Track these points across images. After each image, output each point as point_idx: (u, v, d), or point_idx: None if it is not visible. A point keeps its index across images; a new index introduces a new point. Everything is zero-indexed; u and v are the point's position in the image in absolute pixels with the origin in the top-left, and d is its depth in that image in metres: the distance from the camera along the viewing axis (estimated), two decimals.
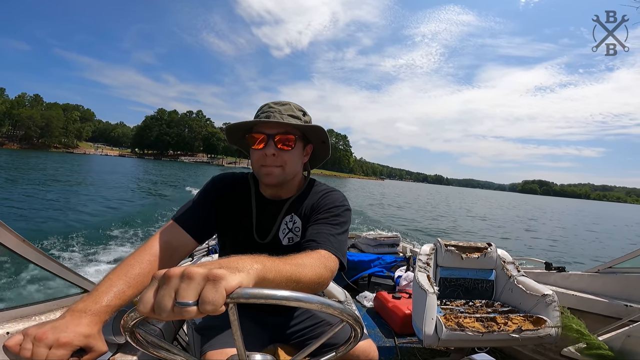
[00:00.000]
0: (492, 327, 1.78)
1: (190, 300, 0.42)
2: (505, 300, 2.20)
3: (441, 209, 29.23)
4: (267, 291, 0.46)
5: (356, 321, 0.56)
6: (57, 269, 1.06)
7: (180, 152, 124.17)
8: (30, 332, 0.56)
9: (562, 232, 20.15)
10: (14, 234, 0.89)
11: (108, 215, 10.25)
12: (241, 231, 1.07)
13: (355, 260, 3.64)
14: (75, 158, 61.30)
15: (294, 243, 1.06)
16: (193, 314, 0.43)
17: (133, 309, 0.52)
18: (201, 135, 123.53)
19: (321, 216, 0.99)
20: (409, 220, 18.04)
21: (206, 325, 1.06)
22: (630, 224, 35.32)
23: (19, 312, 0.93)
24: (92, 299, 0.67)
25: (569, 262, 10.25)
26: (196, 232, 0.95)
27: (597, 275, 2.10)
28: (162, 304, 0.43)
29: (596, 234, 21.66)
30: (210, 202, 1.03)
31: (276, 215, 1.06)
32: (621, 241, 18.02)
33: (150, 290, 0.45)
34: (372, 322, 2.81)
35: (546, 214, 38.49)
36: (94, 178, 23.82)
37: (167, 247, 0.87)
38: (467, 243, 2.38)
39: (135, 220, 9.58)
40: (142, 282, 0.76)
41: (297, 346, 1.12)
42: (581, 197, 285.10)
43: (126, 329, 0.52)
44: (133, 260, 0.79)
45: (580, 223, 30.29)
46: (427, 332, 1.76)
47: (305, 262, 0.72)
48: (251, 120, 0.97)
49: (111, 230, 8.09)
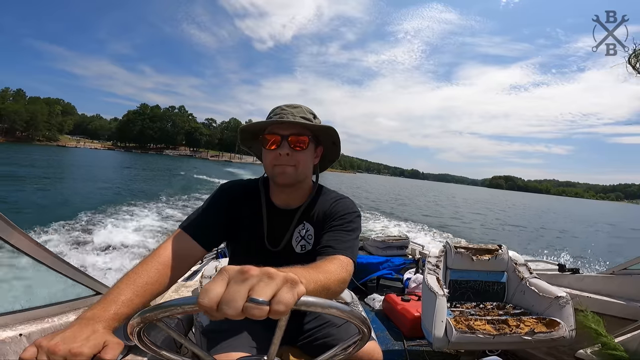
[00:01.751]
0: (504, 330, 1.74)
1: (265, 299, 0.43)
2: (517, 303, 2.16)
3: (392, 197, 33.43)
4: (324, 301, 0.49)
5: (364, 323, 0.57)
6: (70, 271, 1.07)
7: (164, 145, 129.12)
8: (44, 345, 0.57)
9: (482, 219, 23.17)
10: (26, 236, 0.90)
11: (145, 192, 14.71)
12: (253, 240, 1.07)
13: (364, 263, 3.62)
14: (70, 152, 65.60)
15: (306, 251, 1.06)
16: (264, 312, 0.43)
17: (140, 312, 0.52)
18: (184, 130, 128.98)
19: (335, 223, 1.01)
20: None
21: (214, 329, 1.07)
22: (572, 217, 39.16)
23: (32, 314, 0.95)
24: (100, 307, 0.69)
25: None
26: (205, 240, 0.96)
27: (612, 277, 2.05)
28: (234, 298, 0.42)
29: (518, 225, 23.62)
30: (220, 211, 1.03)
31: (288, 224, 1.06)
32: (534, 232, 19.63)
33: (219, 284, 0.44)
34: (381, 325, 2.79)
35: (492, 205, 44.03)
36: (118, 171, 28.77)
37: (176, 256, 0.88)
38: (477, 245, 2.35)
39: (173, 191, 15.38)
40: (150, 291, 0.78)
41: (304, 347, 1.11)
42: (542, 192, 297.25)
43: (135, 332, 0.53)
44: (141, 269, 0.81)
45: (515, 214, 33.14)
46: (436, 334, 1.73)
47: (330, 269, 0.78)
48: (265, 121, 0.99)
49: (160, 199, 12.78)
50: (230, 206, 1.04)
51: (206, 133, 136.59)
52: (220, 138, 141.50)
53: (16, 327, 0.87)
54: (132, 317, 0.53)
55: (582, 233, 21.45)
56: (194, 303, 0.45)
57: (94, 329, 0.63)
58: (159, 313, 0.50)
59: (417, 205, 28.48)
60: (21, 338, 0.83)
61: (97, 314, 0.67)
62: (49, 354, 0.56)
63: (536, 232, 19.11)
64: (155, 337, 0.95)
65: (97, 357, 0.59)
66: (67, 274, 1.06)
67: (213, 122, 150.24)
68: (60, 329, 0.62)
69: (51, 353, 0.56)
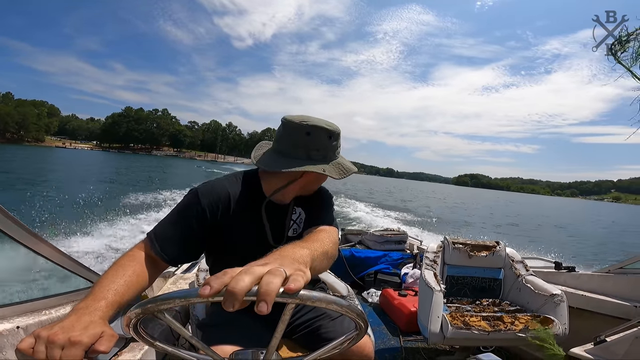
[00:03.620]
0: (499, 326, 1.76)
1: (286, 270, 0.48)
2: (513, 300, 2.18)
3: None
4: (325, 296, 0.49)
5: (361, 318, 0.57)
6: (67, 262, 1.07)
7: (149, 146, 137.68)
8: (42, 335, 0.57)
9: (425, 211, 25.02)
10: (24, 227, 0.90)
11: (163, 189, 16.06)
12: (252, 241, 1.02)
13: (362, 257, 3.64)
14: (68, 153, 70.21)
15: (297, 234, 1.08)
16: (278, 282, 0.44)
17: (137, 305, 0.52)
18: (169, 132, 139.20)
19: (317, 203, 1.11)
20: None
21: (210, 323, 1.07)
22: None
23: (29, 306, 0.95)
24: (92, 297, 0.69)
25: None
26: (171, 257, 0.90)
27: (608, 275, 2.07)
28: (252, 270, 0.46)
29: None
30: (195, 221, 0.94)
31: (284, 218, 1.06)
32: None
33: (233, 270, 0.46)
34: (378, 319, 2.81)
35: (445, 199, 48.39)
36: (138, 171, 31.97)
37: (139, 269, 0.84)
38: (475, 241, 2.36)
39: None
40: (130, 282, 0.77)
41: (299, 340, 1.12)
42: (503, 189, 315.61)
43: (131, 325, 0.53)
44: (113, 272, 0.78)
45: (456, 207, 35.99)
46: (432, 330, 1.75)
47: (322, 237, 0.86)
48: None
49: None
50: (210, 214, 0.94)
51: (190, 135, 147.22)
52: (202, 139, 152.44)
53: (13, 319, 0.87)
54: (130, 309, 0.53)
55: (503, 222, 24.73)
56: (196, 294, 0.45)
57: (91, 318, 0.63)
58: (161, 304, 0.49)
59: (384, 198, 33.31)
60: (18, 330, 0.83)
61: (89, 304, 0.67)
62: (48, 344, 0.56)
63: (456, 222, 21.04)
64: (152, 330, 0.96)
65: (93, 347, 0.59)
66: (65, 266, 1.06)
67: (195, 124, 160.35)
68: (57, 321, 0.62)
69: (50, 342, 0.56)
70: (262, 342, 1.01)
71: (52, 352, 0.55)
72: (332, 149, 0.98)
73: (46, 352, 0.55)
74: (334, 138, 0.97)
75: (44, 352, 0.55)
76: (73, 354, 0.56)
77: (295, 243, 0.70)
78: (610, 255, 11.90)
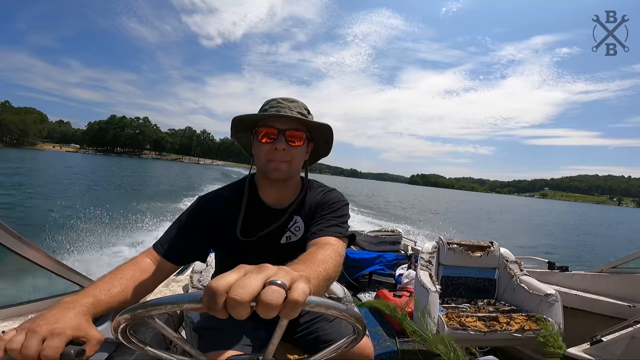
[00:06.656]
0: (495, 327, 1.76)
1: (285, 282, 0.43)
2: (508, 300, 2.18)
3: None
4: (324, 301, 0.47)
5: (359, 322, 0.55)
6: (55, 266, 1.04)
7: (133, 150, 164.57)
8: (24, 327, 0.57)
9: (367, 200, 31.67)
10: (10, 231, 0.87)
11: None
12: (231, 234, 1.03)
13: (357, 258, 3.63)
14: (67, 156, 76.08)
15: (290, 242, 1.06)
16: (280, 296, 0.41)
17: (126, 309, 0.50)
18: (152, 138, 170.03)
19: (325, 212, 1.03)
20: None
21: (206, 326, 1.05)
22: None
23: (15, 310, 0.92)
24: (81, 293, 0.70)
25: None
26: (176, 258, 0.96)
27: (601, 275, 2.08)
28: (250, 282, 0.41)
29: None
30: (196, 226, 1.00)
31: (278, 220, 1.05)
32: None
33: (234, 273, 0.43)
34: (373, 321, 2.80)
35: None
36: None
37: (145, 271, 0.88)
38: (469, 241, 2.36)
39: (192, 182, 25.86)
40: (126, 286, 0.78)
41: (296, 342, 1.11)
42: (448, 187, 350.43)
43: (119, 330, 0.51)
44: (110, 278, 0.80)
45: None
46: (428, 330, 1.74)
47: (325, 257, 0.77)
48: (261, 114, 0.95)
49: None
50: (210, 219, 1.01)
51: (170, 141, 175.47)
52: (180, 144, 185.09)
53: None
54: (119, 314, 0.50)
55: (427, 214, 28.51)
56: (195, 299, 0.43)
57: (75, 312, 0.63)
58: (151, 309, 0.47)
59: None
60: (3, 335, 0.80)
61: (76, 299, 0.67)
62: (29, 334, 0.55)
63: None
64: (143, 333, 0.93)
65: (75, 339, 0.59)
66: (52, 269, 1.03)
67: (173, 130, 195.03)
68: (40, 313, 0.62)
69: (32, 333, 0.55)
70: (258, 345, 0.99)
71: (32, 342, 0.54)
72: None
73: (25, 342, 0.54)
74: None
75: (22, 343, 0.54)
76: (55, 345, 0.55)
77: (297, 264, 0.67)
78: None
